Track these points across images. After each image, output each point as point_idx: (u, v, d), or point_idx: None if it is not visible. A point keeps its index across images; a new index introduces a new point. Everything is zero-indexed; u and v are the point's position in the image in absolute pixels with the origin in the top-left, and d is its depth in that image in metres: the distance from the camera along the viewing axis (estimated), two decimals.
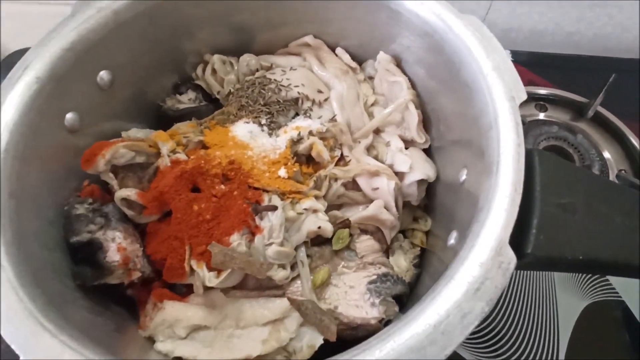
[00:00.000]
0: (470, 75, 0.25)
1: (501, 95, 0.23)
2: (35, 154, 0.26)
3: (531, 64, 0.61)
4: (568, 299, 0.42)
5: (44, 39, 0.27)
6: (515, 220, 0.19)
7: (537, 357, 0.39)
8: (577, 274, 0.43)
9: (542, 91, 0.56)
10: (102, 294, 0.26)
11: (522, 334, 0.40)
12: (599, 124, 0.54)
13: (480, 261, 0.18)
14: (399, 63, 0.33)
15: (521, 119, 0.51)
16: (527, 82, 0.58)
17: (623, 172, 0.50)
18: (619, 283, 0.43)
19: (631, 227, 0.21)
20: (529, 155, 0.23)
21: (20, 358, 0.17)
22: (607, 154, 0.52)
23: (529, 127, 0.51)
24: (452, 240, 0.24)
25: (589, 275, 0.43)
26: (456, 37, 0.26)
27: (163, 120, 0.36)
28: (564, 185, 0.22)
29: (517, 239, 0.21)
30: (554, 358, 0.39)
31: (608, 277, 0.43)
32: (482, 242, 0.19)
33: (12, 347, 0.17)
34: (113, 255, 0.26)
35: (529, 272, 0.44)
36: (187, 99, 0.37)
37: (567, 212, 0.21)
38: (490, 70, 0.24)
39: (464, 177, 0.26)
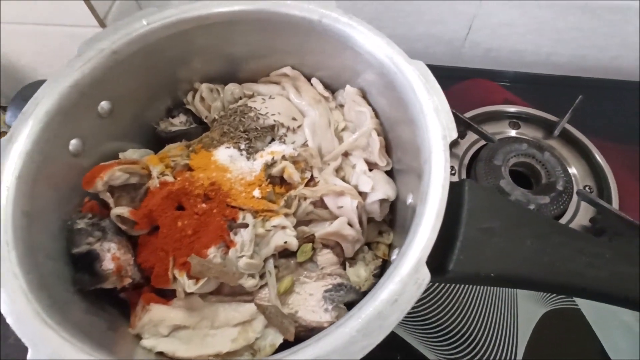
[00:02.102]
0: (414, 113, 0.29)
1: (437, 133, 0.27)
2: (44, 177, 0.30)
3: (509, 83, 0.64)
4: (528, 305, 0.46)
5: (53, 78, 0.32)
6: (434, 243, 0.23)
7: (497, 358, 0.43)
8: None
9: (515, 109, 0.60)
10: (98, 297, 0.30)
11: (483, 335, 0.44)
12: (567, 141, 0.57)
13: (400, 278, 0.22)
14: (364, 95, 0.37)
15: (492, 137, 0.54)
16: (503, 101, 0.62)
17: (587, 187, 0.54)
18: None
19: (539, 248, 0.24)
20: (460, 185, 0.27)
21: (29, 351, 0.21)
22: (573, 170, 0.55)
23: (499, 144, 0.54)
24: (394, 256, 0.28)
25: None
26: (405, 79, 0.30)
27: (157, 141, 0.41)
28: (487, 212, 0.26)
29: (443, 257, 0.25)
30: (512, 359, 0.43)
31: None
32: (405, 261, 0.23)
33: (23, 340, 0.22)
34: (108, 264, 0.31)
35: None
36: (178, 122, 0.42)
37: (486, 235, 0.25)
38: (429, 111, 0.28)
39: (410, 200, 0.30)
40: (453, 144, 0.58)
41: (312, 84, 0.40)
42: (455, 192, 0.27)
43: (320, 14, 0.34)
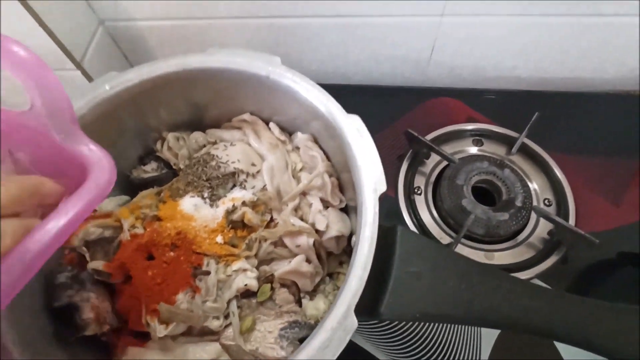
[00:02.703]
0: (351, 164, 0.32)
1: (369, 186, 0.30)
2: None
3: (472, 100, 0.67)
4: None
5: None
6: (371, 292, 0.26)
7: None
8: None
9: (478, 127, 0.62)
10: (81, 344, 0.34)
11: (444, 337, 0.46)
12: (528, 156, 0.60)
13: (331, 325, 0.25)
14: (316, 140, 0.40)
15: (453, 158, 0.56)
16: (466, 119, 0.64)
17: (546, 200, 0.56)
18: None
19: (461, 287, 0.27)
20: (393, 231, 0.30)
21: None
22: (534, 185, 0.58)
23: (462, 163, 0.57)
24: None
25: None
26: (342, 132, 0.33)
27: (131, 186, 0.44)
28: (416, 256, 0.29)
29: (375, 300, 0.28)
30: None
31: None
32: (336, 309, 0.26)
33: None
34: (88, 313, 0.34)
35: None
36: (150, 169, 0.45)
37: (414, 278, 0.28)
38: (362, 163, 0.31)
39: (353, 242, 0.33)
40: (419, 163, 0.61)
41: (269, 129, 0.43)
42: (389, 236, 0.30)
43: (268, 71, 0.37)
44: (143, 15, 0.68)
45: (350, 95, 0.42)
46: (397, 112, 0.67)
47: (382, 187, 0.30)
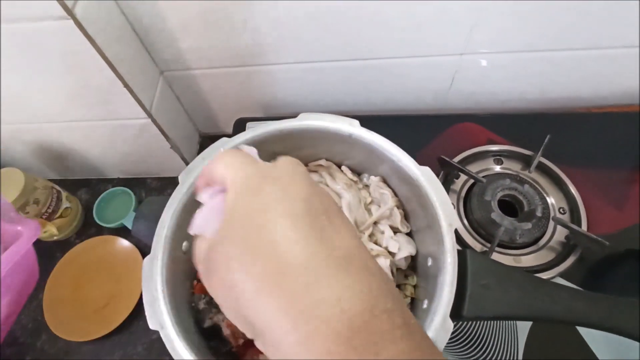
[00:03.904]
0: (426, 203, 0.42)
1: (446, 222, 0.40)
2: (174, 276, 0.43)
3: (490, 124, 0.77)
4: None
5: (170, 203, 0.45)
6: (453, 300, 0.36)
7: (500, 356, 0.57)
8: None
9: (497, 148, 0.73)
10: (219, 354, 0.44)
11: (489, 335, 0.57)
12: (543, 172, 0.70)
13: (435, 328, 0.35)
14: (385, 180, 0.51)
15: (480, 178, 0.67)
16: (486, 141, 0.75)
17: (561, 209, 0.67)
18: None
19: (520, 295, 0.38)
20: (464, 253, 0.41)
21: None
22: (551, 199, 0.68)
23: (488, 181, 0.68)
24: (424, 305, 0.41)
25: None
26: (416, 178, 0.43)
27: None
28: (484, 272, 0.39)
29: (458, 306, 0.38)
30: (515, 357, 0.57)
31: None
32: (436, 316, 0.36)
33: None
34: (225, 331, 0.44)
35: None
36: None
37: (485, 289, 0.38)
38: (437, 205, 0.41)
39: (430, 263, 0.44)
40: (450, 182, 0.72)
41: (342, 171, 0.53)
42: (461, 258, 0.40)
43: (351, 131, 0.47)
44: (198, 65, 0.78)
45: (381, 123, 0.51)
46: (425, 137, 0.77)
47: (455, 223, 0.40)
